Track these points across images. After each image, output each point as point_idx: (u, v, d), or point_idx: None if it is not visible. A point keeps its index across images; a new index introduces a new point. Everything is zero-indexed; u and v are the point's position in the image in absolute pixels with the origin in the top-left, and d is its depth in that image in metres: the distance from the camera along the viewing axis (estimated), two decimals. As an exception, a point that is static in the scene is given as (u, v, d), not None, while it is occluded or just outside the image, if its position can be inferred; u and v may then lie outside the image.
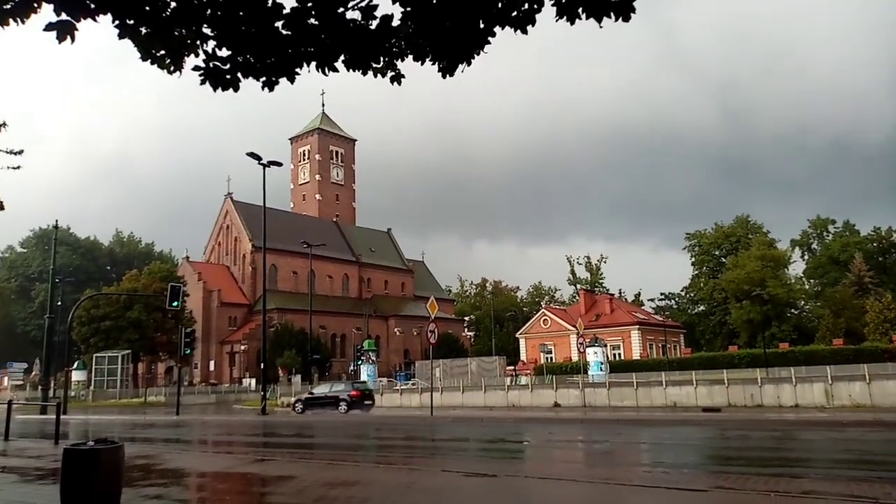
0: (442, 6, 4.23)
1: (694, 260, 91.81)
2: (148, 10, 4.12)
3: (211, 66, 4.38)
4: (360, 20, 4.28)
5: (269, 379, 39.13)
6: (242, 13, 4.17)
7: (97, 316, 57.91)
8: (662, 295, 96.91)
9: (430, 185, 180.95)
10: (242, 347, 73.52)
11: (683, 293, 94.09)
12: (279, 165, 34.23)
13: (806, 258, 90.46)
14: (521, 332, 74.79)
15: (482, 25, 4.29)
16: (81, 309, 53.14)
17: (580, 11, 4.17)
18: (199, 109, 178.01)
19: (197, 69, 4.38)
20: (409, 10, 4.27)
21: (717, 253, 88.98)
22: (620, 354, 63.70)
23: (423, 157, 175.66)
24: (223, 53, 4.35)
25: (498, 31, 4.34)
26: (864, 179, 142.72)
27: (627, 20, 4.20)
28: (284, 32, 4.24)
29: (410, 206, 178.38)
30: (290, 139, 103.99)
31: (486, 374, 43.95)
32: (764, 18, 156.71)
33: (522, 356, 69.18)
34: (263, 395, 33.12)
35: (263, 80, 4.47)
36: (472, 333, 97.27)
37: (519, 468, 11.55)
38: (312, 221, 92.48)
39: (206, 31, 4.27)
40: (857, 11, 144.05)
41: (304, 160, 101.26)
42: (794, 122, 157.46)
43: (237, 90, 4.49)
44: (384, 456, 14.54)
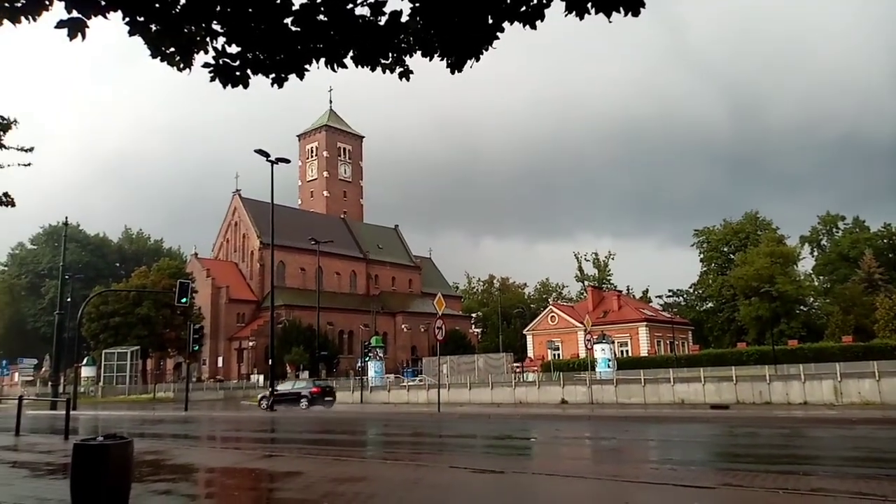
0: (451, 1, 4.23)
1: (702, 256, 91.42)
2: (158, 7, 4.13)
3: (220, 63, 4.39)
4: (368, 16, 4.29)
5: (277, 375, 39.30)
6: (252, 10, 4.18)
7: (106, 312, 58.26)
8: (670, 292, 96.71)
9: (437, 181, 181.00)
10: (250, 344, 73.79)
11: (691, 290, 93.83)
12: (287, 162, 34.29)
13: (815, 255, 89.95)
14: (528, 328, 74.71)
15: (491, 21, 4.29)
16: (91, 305, 53.48)
17: (589, 6, 4.15)
18: (206, 107, 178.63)
19: (206, 66, 4.39)
20: (417, 5, 4.27)
21: (725, 249, 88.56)
22: (628, 351, 63.55)
23: (430, 153, 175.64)
24: (233, 50, 4.36)
25: (506, 26, 4.33)
26: (874, 175, 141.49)
27: (637, 14, 4.18)
28: (294, 29, 4.25)
29: (418, 202, 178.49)
30: (297, 136, 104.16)
31: (493, 370, 43.98)
32: (772, 13, 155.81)
33: (530, 353, 69.13)
34: (271, 391, 33.31)
35: (273, 76, 4.48)
36: (479, 330, 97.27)
37: (526, 465, 11.57)
38: (320, 218, 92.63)
39: (215, 27, 4.28)
40: (864, 5, 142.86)
41: (311, 157, 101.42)
42: (803, 117, 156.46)
43: (247, 87, 4.50)
44: (391, 452, 14.59)
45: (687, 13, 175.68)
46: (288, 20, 4.22)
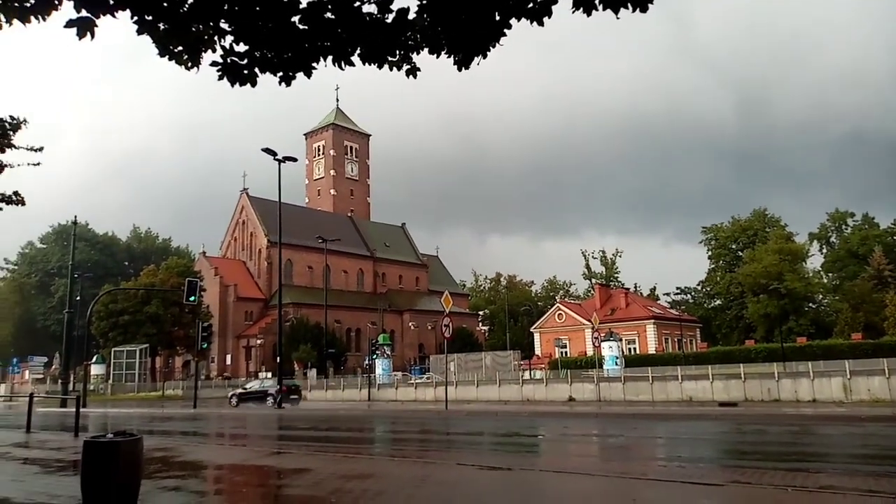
0: (458, -1, 4.23)
1: (710, 254, 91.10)
2: (166, 6, 4.15)
3: (228, 61, 4.41)
4: (376, 13, 4.29)
5: (284, 373, 39.39)
6: (260, 8, 4.19)
7: (115, 311, 58.60)
8: (678, 289, 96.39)
9: (444, 178, 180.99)
10: (258, 342, 74.01)
11: (699, 287, 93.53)
12: (294, 161, 34.37)
13: (824, 252, 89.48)
14: (535, 326, 74.61)
15: (498, 17, 4.28)
16: (100, 304, 53.79)
17: (597, 2, 4.14)
18: (213, 106, 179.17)
19: (214, 65, 4.41)
20: (424, 2, 4.28)
21: (733, 247, 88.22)
22: (636, 349, 63.40)
23: (437, 150, 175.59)
24: (241, 49, 4.37)
25: (514, 22, 4.32)
26: (884, 171, 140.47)
27: (645, 10, 4.17)
28: (301, 27, 4.26)
29: (425, 199, 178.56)
30: (304, 135, 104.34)
31: (500, 368, 43.97)
32: (779, 8, 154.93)
33: (537, 350, 69.04)
34: (279, 388, 33.43)
35: (281, 75, 4.50)
36: (486, 328, 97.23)
37: (534, 462, 11.58)
38: (327, 216, 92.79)
39: (223, 26, 4.30)
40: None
41: (318, 155, 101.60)
42: (810, 113, 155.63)
43: (254, 85, 4.51)
44: (399, 449, 14.62)
45: (694, 9, 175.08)
46: (295, 18, 4.23)
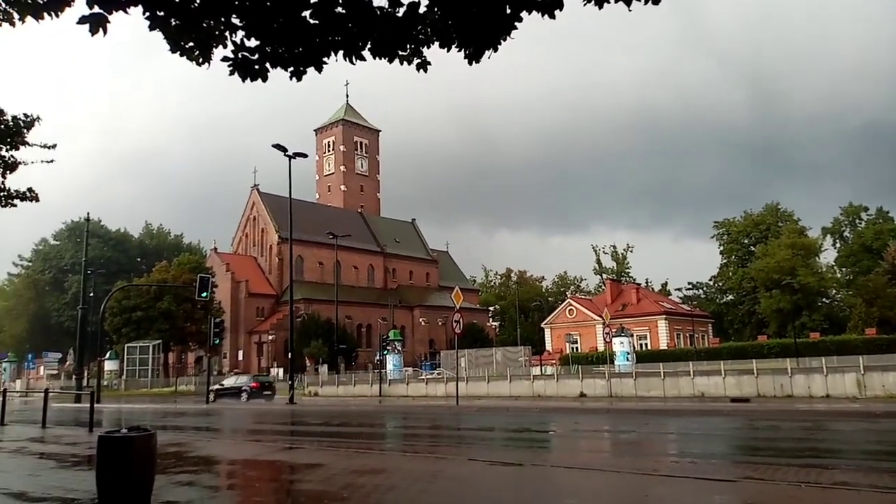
0: (468, -8, 4.21)
1: (722, 249, 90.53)
2: (177, 1, 4.16)
3: (239, 56, 4.41)
4: (386, 7, 4.28)
5: (296, 368, 39.59)
6: (270, 3, 4.19)
7: (128, 307, 59.04)
8: (690, 284, 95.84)
9: (453, 173, 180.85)
10: (270, 337, 74.39)
11: (711, 282, 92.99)
12: (304, 157, 34.45)
13: (838, 246, 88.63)
14: (546, 321, 74.53)
15: (509, 11, 4.26)
16: (113, 300, 54.19)
17: (609, -6, 4.11)
18: (224, 102, 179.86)
19: (225, 60, 4.41)
20: (435, -4, 4.26)
21: (746, 241, 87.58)
22: (647, 344, 63.21)
23: (446, 144, 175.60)
24: (251, 44, 4.38)
25: (525, 16, 4.30)
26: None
27: (657, 2, 4.13)
28: (312, 22, 4.25)
29: (435, 194, 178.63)
30: (314, 130, 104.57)
31: (511, 363, 43.90)
32: None
33: (548, 346, 68.96)
34: (291, 384, 33.61)
35: (291, 70, 4.50)
36: (496, 323, 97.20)
37: (545, 457, 11.56)
38: (338, 212, 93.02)
39: (234, 21, 4.30)
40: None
41: (328, 151, 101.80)
42: (823, 105, 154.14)
43: (265, 81, 4.52)
44: (410, 445, 14.64)
45: (705, 1, 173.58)
46: (306, 13, 4.23)
